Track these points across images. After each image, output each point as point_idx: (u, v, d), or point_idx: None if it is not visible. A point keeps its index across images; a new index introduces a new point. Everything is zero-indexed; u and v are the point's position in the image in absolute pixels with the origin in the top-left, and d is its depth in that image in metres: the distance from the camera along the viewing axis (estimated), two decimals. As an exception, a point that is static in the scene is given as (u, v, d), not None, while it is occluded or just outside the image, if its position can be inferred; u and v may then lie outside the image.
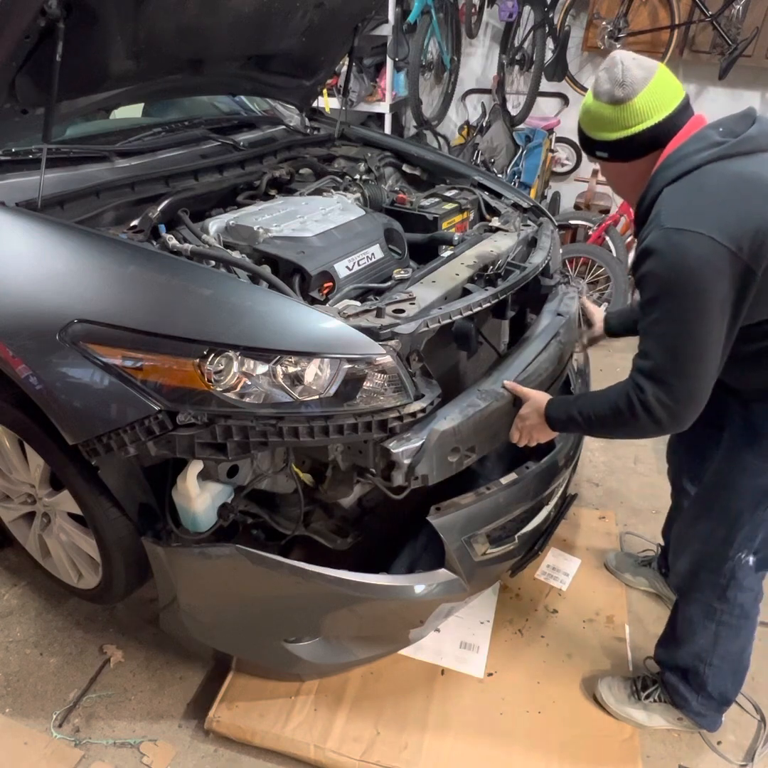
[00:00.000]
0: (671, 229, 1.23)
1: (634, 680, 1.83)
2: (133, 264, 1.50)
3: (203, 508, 1.54)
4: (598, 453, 2.93)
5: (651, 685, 1.80)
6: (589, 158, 1.48)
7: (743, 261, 1.22)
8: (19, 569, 2.23)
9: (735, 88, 4.08)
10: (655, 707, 1.78)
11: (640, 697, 1.79)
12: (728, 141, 1.28)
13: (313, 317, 1.45)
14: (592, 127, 1.37)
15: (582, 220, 4.03)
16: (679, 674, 1.73)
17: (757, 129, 1.30)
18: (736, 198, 1.24)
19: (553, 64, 4.24)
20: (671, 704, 1.77)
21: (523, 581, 2.19)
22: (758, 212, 1.22)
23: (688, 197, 1.26)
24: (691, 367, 1.30)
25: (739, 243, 1.21)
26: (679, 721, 1.77)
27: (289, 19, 2.13)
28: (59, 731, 1.79)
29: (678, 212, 1.25)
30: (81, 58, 1.63)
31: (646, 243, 1.28)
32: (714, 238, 1.20)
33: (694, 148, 1.29)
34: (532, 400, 1.59)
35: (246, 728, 1.73)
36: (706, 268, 1.22)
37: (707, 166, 1.27)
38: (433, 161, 2.55)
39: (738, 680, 1.71)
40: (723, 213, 1.23)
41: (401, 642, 1.80)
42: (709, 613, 1.62)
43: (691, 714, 1.74)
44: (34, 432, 1.65)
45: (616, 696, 1.81)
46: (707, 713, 1.73)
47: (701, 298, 1.24)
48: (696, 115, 1.35)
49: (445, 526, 1.55)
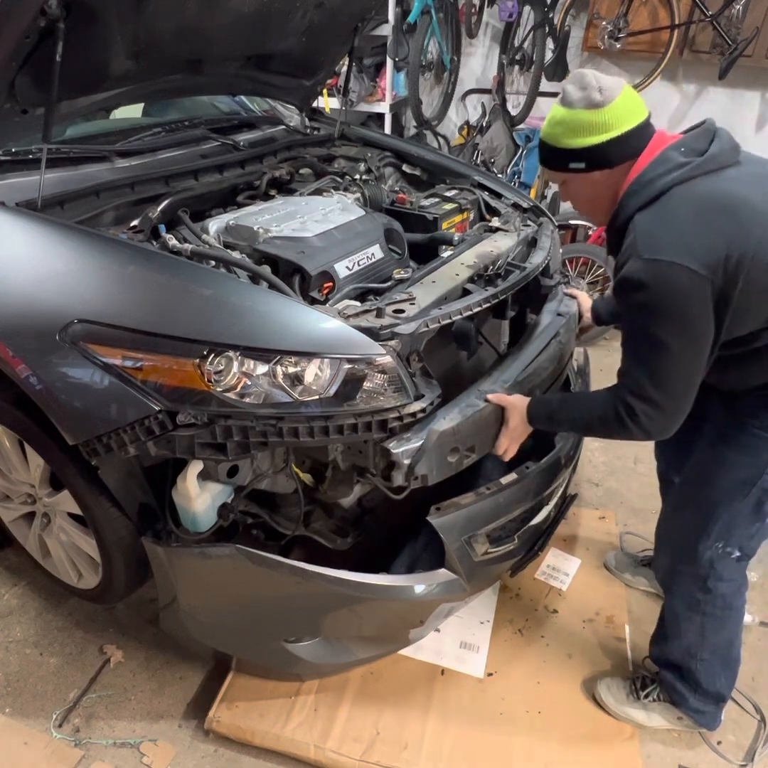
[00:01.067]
0: (648, 259, 1.27)
1: (633, 680, 1.83)
2: (133, 264, 1.50)
3: (203, 508, 1.54)
4: (598, 453, 2.93)
5: (650, 684, 1.80)
6: (553, 177, 1.48)
7: (718, 285, 1.27)
8: (19, 569, 2.23)
9: (735, 88, 4.08)
10: (654, 707, 1.78)
11: (639, 697, 1.79)
12: (692, 161, 1.32)
13: (313, 317, 1.45)
14: (568, 135, 1.37)
15: (582, 220, 4.03)
16: (674, 671, 1.74)
17: (717, 146, 1.34)
18: (704, 223, 1.27)
19: (553, 64, 4.24)
20: (670, 703, 1.77)
21: (523, 581, 2.19)
22: (726, 234, 1.26)
23: (659, 225, 1.30)
24: (676, 386, 1.36)
25: (712, 269, 1.25)
26: (679, 720, 1.77)
27: (289, 19, 2.13)
28: (59, 731, 1.79)
29: (652, 241, 1.29)
30: (81, 58, 1.63)
31: (625, 273, 1.32)
32: (689, 267, 1.25)
33: (659, 172, 1.33)
34: (518, 407, 1.58)
35: (246, 728, 1.73)
36: (686, 297, 1.27)
37: (674, 189, 1.31)
38: (433, 161, 2.55)
39: (730, 675, 1.72)
40: (694, 240, 1.26)
41: (401, 642, 1.80)
42: (693, 606, 1.64)
43: (689, 712, 1.75)
44: (34, 432, 1.65)
45: (615, 696, 1.81)
46: (705, 710, 1.73)
47: (684, 325, 1.30)
48: (657, 131, 1.39)
49: (445, 526, 1.55)
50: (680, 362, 1.33)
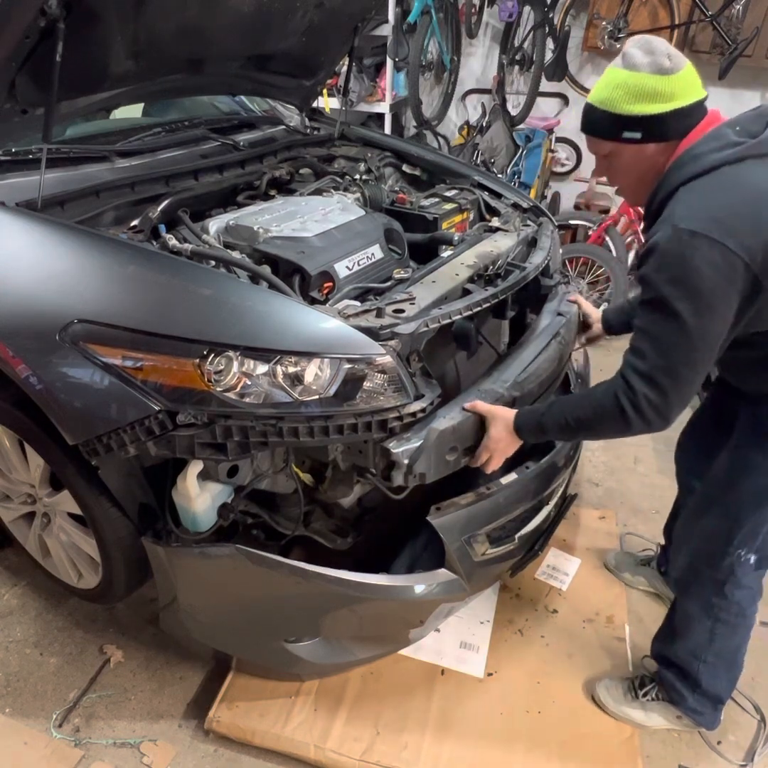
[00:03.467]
0: (684, 229, 1.21)
1: (632, 680, 1.83)
2: (133, 264, 1.50)
3: (203, 508, 1.54)
4: (598, 453, 2.93)
5: (648, 683, 1.80)
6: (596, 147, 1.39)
7: (753, 272, 1.21)
8: (19, 569, 2.23)
9: (735, 88, 4.08)
10: (653, 706, 1.78)
11: (638, 696, 1.79)
12: (746, 142, 1.26)
13: (313, 317, 1.45)
14: (628, 100, 1.28)
15: (582, 220, 4.03)
16: (675, 670, 1.73)
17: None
18: (753, 207, 1.22)
19: (553, 64, 4.24)
20: (669, 702, 1.77)
21: (523, 581, 2.19)
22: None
23: (704, 200, 1.24)
24: (684, 371, 1.29)
25: (752, 254, 1.20)
26: (678, 719, 1.77)
27: (289, 19, 2.13)
28: (59, 731, 1.79)
29: (693, 214, 1.23)
30: (81, 58, 1.63)
31: (655, 239, 1.25)
32: (727, 246, 1.19)
33: (711, 147, 1.27)
34: (499, 417, 1.51)
35: (246, 728, 1.73)
36: (715, 274, 1.21)
37: (724, 168, 1.25)
38: (433, 161, 2.55)
39: (732, 679, 1.71)
40: (738, 221, 1.21)
41: (401, 642, 1.80)
42: (707, 609, 1.63)
43: (688, 711, 1.74)
44: (34, 432, 1.65)
45: (614, 696, 1.81)
46: (704, 710, 1.73)
47: (705, 303, 1.23)
48: (711, 110, 1.33)
49: (445, 526, 1.55)
50: (694, 342, 1.26)
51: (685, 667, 1.70)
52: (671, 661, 1.74)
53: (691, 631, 1.67)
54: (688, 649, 1.69)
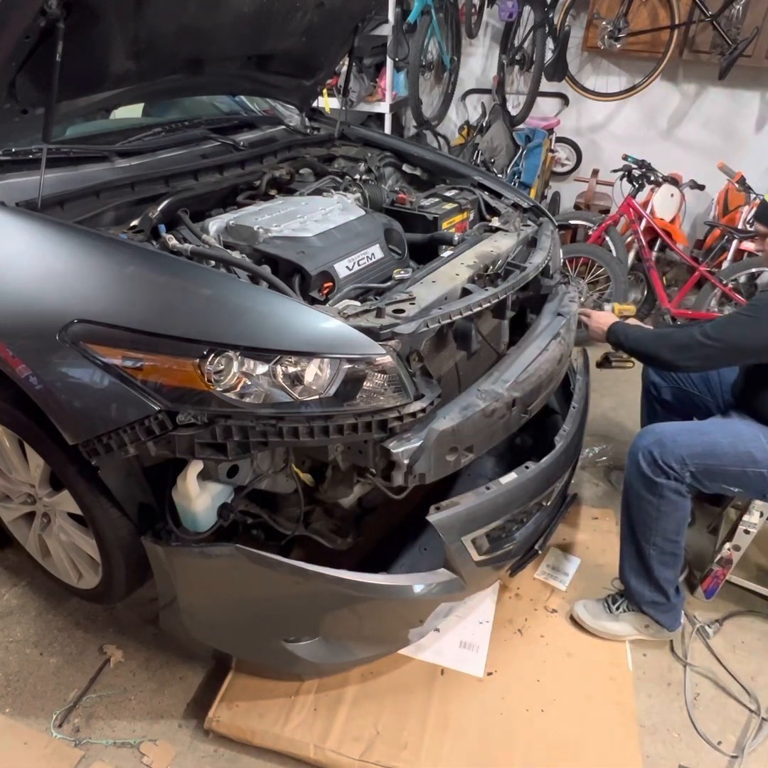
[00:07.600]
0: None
1: (605, 598, 2.05)
2: (133, 264, 1.50)
3: (203, 508, 1.54)
4: (598, 453, 2.92)
5: (619, 598, 2.03)
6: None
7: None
8: (19, 569, 2.23)
9: (735, 88, 4.08)
10: (624, 616, 2.00)
11: (612, 610, 2.01)
12: None
13: (313, 317, 1.45)
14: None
15: (582, 220, 4.03)
16: (631, 565, 1.94)
17: None
18: None
19: (553, 64, 4.24)
20: (638, 611, 1.97)
21: (523, 581, 2.19)
22: None
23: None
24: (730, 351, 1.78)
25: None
26: (646, 628, 1.99)
27: (289, 19, 2.13)
28: (59, 731, 1.79)
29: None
30: (81, 58, 1.63)
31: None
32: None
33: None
34: (603, 315, 2.09)
35: (246, 728, 1.74)
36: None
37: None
38: (433, 161, 2.55)
39: (675, 566, 1.91)
40: None
41: (401, 642, 1.81)
42: (652, 488, 1.82)
43: (649, 609, 1.94)
44: (34, 432, 1.65)
45: (591, 612, 2.03)
46: (661, 602, 1.92)
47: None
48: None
49: (444, 525, 1.55)
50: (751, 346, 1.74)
51: (638, 555, 1.90)
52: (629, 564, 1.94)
53: (641, 509, 1.85)
54: (640, 532, 1.87)
